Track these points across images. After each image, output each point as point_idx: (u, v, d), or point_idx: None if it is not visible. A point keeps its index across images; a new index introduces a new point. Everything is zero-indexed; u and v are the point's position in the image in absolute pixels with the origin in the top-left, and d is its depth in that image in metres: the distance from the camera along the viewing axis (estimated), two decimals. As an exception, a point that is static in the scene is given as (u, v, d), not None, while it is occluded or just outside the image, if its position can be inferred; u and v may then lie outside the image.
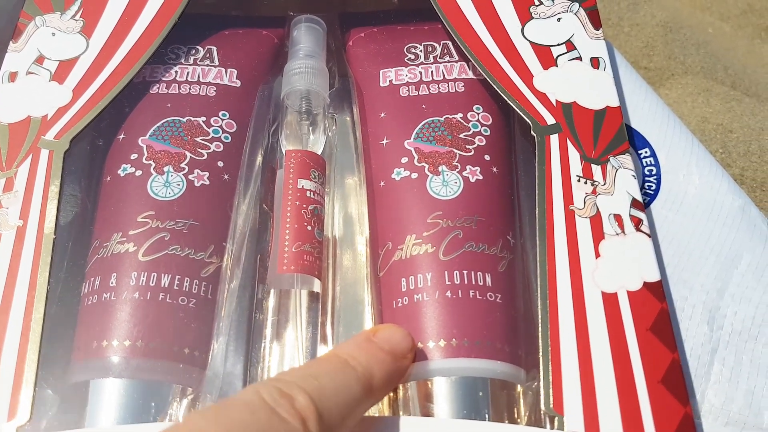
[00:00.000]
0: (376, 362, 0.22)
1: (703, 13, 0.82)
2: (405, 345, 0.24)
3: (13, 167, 0.28)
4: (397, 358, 0.23)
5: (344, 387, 0.21)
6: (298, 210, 0.29)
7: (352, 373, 0.21)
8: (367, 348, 0.23)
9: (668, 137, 0.42)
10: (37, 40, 0.32)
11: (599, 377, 0.24)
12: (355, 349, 0.22)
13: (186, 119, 0.31)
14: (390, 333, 0.24)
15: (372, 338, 0.23)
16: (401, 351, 0.24)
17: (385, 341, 0.23)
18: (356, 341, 0.23)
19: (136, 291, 0.26)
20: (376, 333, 0.24)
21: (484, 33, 0.32)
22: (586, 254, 0.26)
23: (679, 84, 0.68)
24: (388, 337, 0.24)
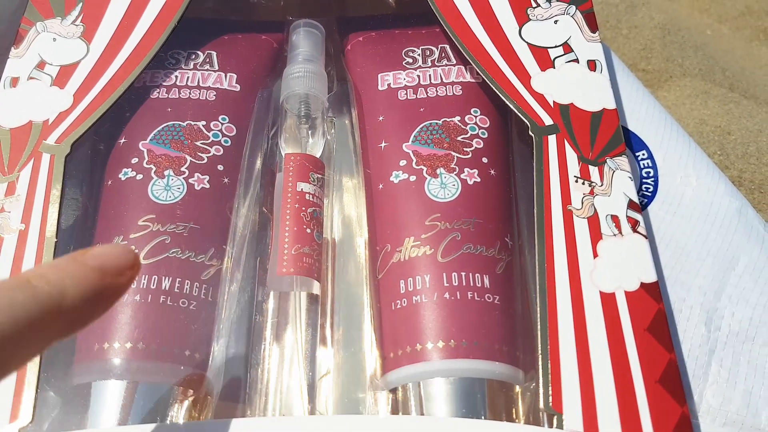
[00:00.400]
0: (72, 278, 0.19)
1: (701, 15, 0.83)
2: (120, 261, 0.21)
3: (15, 171, 0.29)
4: (106, 275, 0.20)
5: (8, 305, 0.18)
6: (298, 213, 0.29)
7: (29, 290, 0.19)
8: (65, 266, 0.20)
9: (665, 140, 0.42)
10: (38, 46, 0.32)
11: (598, 376, 0.24)
12: (48, 268, 0.20)
13: (186, 123, 0.31)
14: (102, 249, 0.21)
15: (78, 257, 0.20)
16: (114, 267, 0.20)
17: (93, 257, 0.20)
18: (56, 260, 0.21)
19: (137, 293, 0.27)
20: (85, 252, 0.21)
21: (482, 34, 0.32)
22: (584, 254, 0.26)
23: (677, 86, 0.68)
24: (98, 253, 0.21)
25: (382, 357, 0.28)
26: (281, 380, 0.27)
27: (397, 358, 0.27)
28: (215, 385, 0.27)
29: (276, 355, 0.27)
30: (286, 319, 0.28)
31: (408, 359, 0.27)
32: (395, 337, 0.27)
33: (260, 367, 0.27)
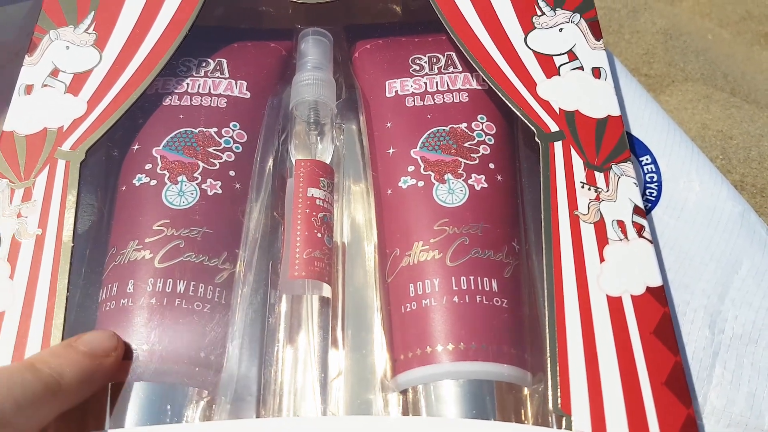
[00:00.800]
0: (68, 363, 0.24)
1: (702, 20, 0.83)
2: (107, 345, 0.25)
3: (31, 177, 0.29)
4: (95, 358, 0.24)
5: (21, 384, 0.22)
6: (308, 218, 0.30)
7: (34, 373, 0.22)
8: (62, 352, 0.24)
9: (669, 145, 0.42)
10: (52, 54, 0.33)
11: (605, 378, 0.25)
12: (48, 354, 0.24)
13: (198, 130, 0.32)
14: (91, 336, 0.25)
15: (72, 343, 0.25)
16: (102, 350, 0.25)
17: (83, 343, 0.25)
18: (53, 348, 0.25)
19: (153, 297, 0.27)
20: (78, 338, 0.25)
21: (488, 42, 0.32)
22: (591, 259, 0.27)
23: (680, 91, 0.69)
24: (88, 340, 0.25)
25: (392, 359, 0.28)
26: (294, 381, 0.27)
27: (407, 361, 0.27)
28: (229, 387, 0.27)
29: (289, 357, 0.28)
30: (299, 322, 0.28)
31: (418, 361, 0.27)
32: (405, 340, 0.28)
33: (273, 369, 0.28)
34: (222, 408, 0.27)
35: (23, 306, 0.26)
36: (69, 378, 0.23)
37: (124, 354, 0.26)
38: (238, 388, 0.28)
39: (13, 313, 0.26)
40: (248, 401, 0.27)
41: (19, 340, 0.26)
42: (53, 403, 0.23)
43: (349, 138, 0.35)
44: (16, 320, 0.26)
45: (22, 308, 0.26)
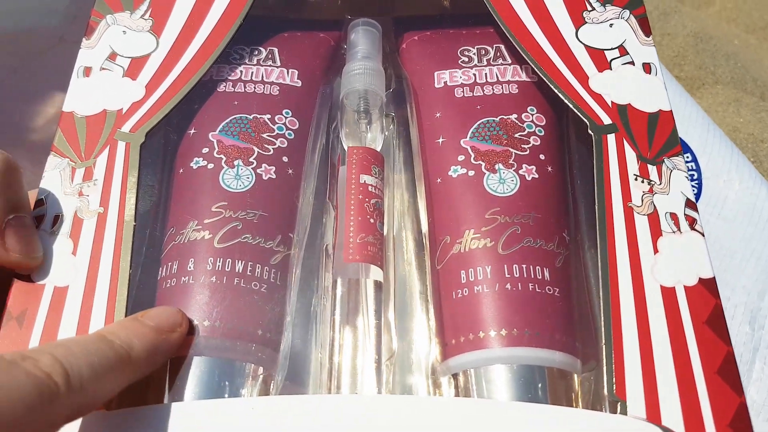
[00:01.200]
0: (137, 336, 0.24)
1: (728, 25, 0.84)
2: (172, 320, 0.26)
3: (91, 158, 0.30)
4: (161, 332, 0.25)
5: (96, 352, 0.22)
6: (361, 204, 0.30)
7: (107, 343, 0.23)
8: (130, 325, 0.25)
9: (709, 143, 0.43)
10: (109, 38, 0.34)
11: (659, 366, 0.25)
12: (117, 327, 0.25)
13: (252, 116, 0.32)
14: (157, 311, 0.26)
15: (139, 318, 0.25)
16: (168, 325, 0.26)
17: (150, 318, 0.25)
18: (121, 321, 0.25)
19: (213, 275, 0.28)
20: (144, 314, 0.26)
21: (540, 36, 0.33)
22: (645, 250, 0.27)
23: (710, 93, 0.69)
24: (154, 315, 0.26)
25: (442, 344, 0.29)
26: (350, 362, 0.28)
27: (458, 345, 0.28)
28: (286, 366, 0.28)
29: (345, 339, 0.28)
30: (354, 305, 0.29)
31: (469, 346, 0.27)
32: (456, 325, 0.28)
33: (329, 349, 0.28)
34: (278, 386, 0.28)
35: (86, 281, 0.27)
36: (138, 350, 0.24)
37: None
38: (295, 367, 0.28)
39: (77, 288, 0.27)
40: (304, 380, 0.28)
41: (83, 313, 0.26)
42: (124, 373, 0.23)
43: (397, 127, 0.35)
44: (80, 295, 0.27)
45: (85, 283, 0.27)
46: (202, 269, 0.28)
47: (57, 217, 0.28)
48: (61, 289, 0.27)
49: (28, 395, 0.19)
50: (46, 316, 0.26)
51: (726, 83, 0.71)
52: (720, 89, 0.70)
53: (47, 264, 0.27)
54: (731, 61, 0.72)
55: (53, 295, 0.27)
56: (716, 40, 0.75)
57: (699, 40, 0.73)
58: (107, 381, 0.22)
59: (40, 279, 0.27)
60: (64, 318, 0.26)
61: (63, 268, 0.27)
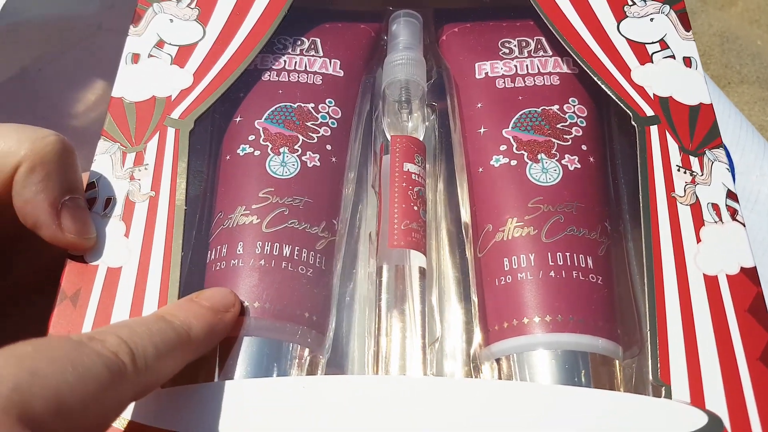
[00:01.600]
0: (194, 316, 0.25)
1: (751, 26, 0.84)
2: (226, 301, 0.26)
3: (141, 143, 0.30)
4: (217, 312, 0.26)
5: (158, 332, 0.23)
6: (405, 191, 0.31)
7: (167, 323, 0.24)
8: (187, 306, 0.25)
9: (741, 139, 0.43)
10: (156, 26, 0.34)
11: (703, 352, 0.25)
12: (175, 308, 0.25)
13: (297, 105, 0.33)
14: (212, 292, 0.27)
15: (194, 299, 0.26)
16: (223, 306, 0.26)
17: (206, 299, 0.26)
18: (178, 302, 0.26)
19: (262, 259, 0.28)
20: (199, 295, 0.26)
21: (582, 28, 0.33)
22: (688, 239, 0.27)
23: (736, 92, 0.69)
24: (209, 296, 0.26)
25: (485, 329, 0.29)
26: (398, 346, 0.28)
27: (501, 331, 0.28)
28: (333, 348, 0.28)
29: (392, 323, 0.29)
30: (400, 290, 0.29)
31: (512, 332, 0.28)
32: (499, 311, 0.29)
33: (374, 334, 0.29)
34: (324, 367, 0.28)
35: (139, 262, 0.28)
36: (196, 330, 0.24)
37: None
38: (339, 350, 0.29)
39: (130, 269, 0.27)
40: (349, 363, 0.29)
41: (137, 294, 0.27)
42: (184, 352, 0.24)
43: (438, 117, 0.36)
44: (133, 276, 0.27)
45: (138, 264, 0.28)
46: (251, 253, 0.28)
47: (108, 200, 0.29)
48: (115, 269, 0.27)
49: (99, 374, 0.20)
50: (100, 296, 0.27)
51: (752, 82, 0.71)
52: (746, 88, 0.70)
53: (100, 245, 0.28)
54: (757, 60, 0.72)
55: (107, 275, 0.27)
56: (742, 40, 0.75)
57: (725, 39, 0.73)
58: (169, 360, 0.23)
59: (93, 260, 0.28)
60: (118, 298, 0.27)
61: (116, 249, 0.28)
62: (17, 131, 0.27)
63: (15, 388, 0.18)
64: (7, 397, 0.18)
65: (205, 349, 0.25)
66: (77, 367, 0.20)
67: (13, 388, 0.18)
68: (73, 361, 0.20)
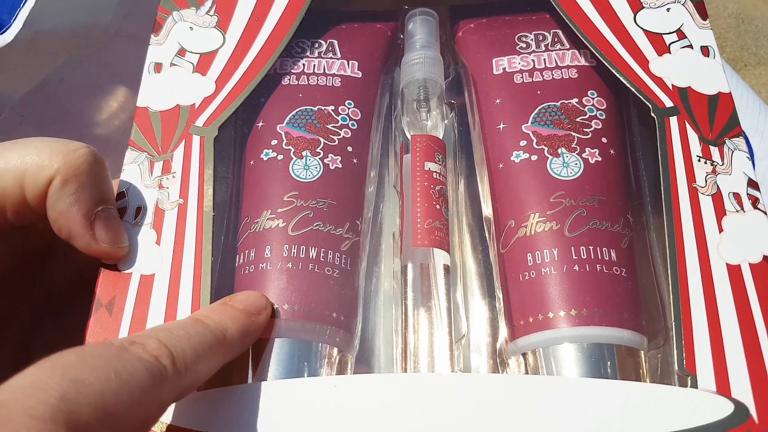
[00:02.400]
0: (229, 318, 0.25)
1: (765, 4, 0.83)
2: (259, 303, 0.27)
3: (168, 151, 0.31)
4: (250, 315, 0.26)
5: (195, 334, 0.24)
6: (427, 190, 0.31)
7: (204, 326, 0.24)
8: (222, 309, 0.26)
9: (761, 124, 0.43)
10: (177, 34, 0.35)
11: (727, 341, 0.26)
12: (210, 311, 0.26)
13: (317, 108, 0.33)
14: (244, 295, 0.27)
15: (228, 301, 0.27)
16: (255, 308, 0.27)
17: (239, 302, 0.27)
18: (212, 306, 0.27)
19: (289, 261, 0.29)
20: (232, 297, 0.27)
21: (599, 21, 0.33)
22: (710, 229, 0.28)
23: (752, 75, 0.68)
24: (242, 299, 0.27)
25: (510, 324, 0.30)
26: (426, 343, 0.29)
27: (527, 326, 0.29)
28: (361, 347, 0.29)
29: (419, 321, 0.29)
30: (426, 288, 0.30)
31: (538, 326, 0.28)
32: (524, 306, 0.29)
33: (402, 332, 0.29)
34: (353, 366, 0.29)
35: (171, 269, 0.28)
36: (232, 332, 0.25)
37: None
38: (367, 349, 0.29)
39: (163, 275, 0.28)
40: (377, 361, 0.29)
41: (170, 300, 0.28)
42: (220, 354, 0.24)
43: (457, 114, 0.36)
44: (166, 282, 0.28)
45: (170, 271, 0.28)
46: (279, 256, 0.29)
47: (139, 209, 0.30)
48: (148, 277, 0.28)
49: (141, 379, 0.21)
50: (134, 303, 0.28)
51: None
52: (762, 70, 0.69)
53: (133, 253, 0.29)
54: None
55: (140, 283, 0.28)
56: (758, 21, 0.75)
57: (740, 21, 0.73)
58: (207, 362, 0.24)
59: (126, 268, 0.28)
60: (152, 304, 0.28)
61: (148, 257, 0.29)
62: (49, 145, 0.27)
63: (62, 397, 0.19)
64: (55, 407, 0.19)
65: (239, 351, 0.26)
66: (120, 373, 0.20)
67: (60, 397, 0.19)
68: (116, 367, 0.21)
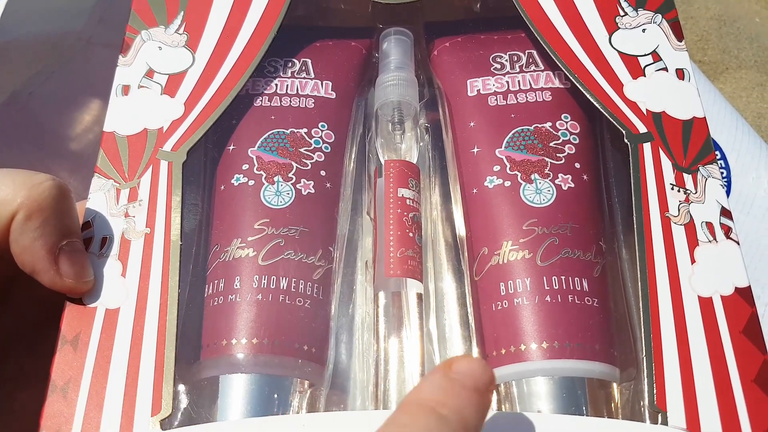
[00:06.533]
0: (465, 404, 0.21)
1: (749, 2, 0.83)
2: (487, 377, 0.22)
3: (135, 178, 0.31)
4: (482, 394, 0.22)
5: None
6: (400, 218, 0.31)
7: (445, 424, 0.20)
8: (451, 389, 0.21)
9: (738, 140, 0.43)
10: (145, 54, 0.34)
11: (698, 376, 0.26)
12: (439, 393, 0.21)
13: (289, 131, 0.33)
14: (468, 366, 0.22)
15: (451, 374, 0.22)
16: (485, 384, 0.22)
17: (466, 377, 0.22)
18: (436, 383, 0.22)
19: (259, 293, 0.28)
20: (452, 367, 0.22)
21: (573, 42, 0.33)
22: (682, 260, 0.28)
23: (734, 78, 0.68)
24: (468, 372, 0.22)
25: (483, 355, 0.29)
26: (395, 374, 0.29)
27: (499, 357, 0.28)
28: (332, 379, 0.29)
29: (390, 351, 0.29)
30: (398, 317, 0.29)
31: (511, 358, 0.28)
32: (497, 337, 0.29)
33: (374, 363, 0.29)
34: (326, 400, 0.28)
35: (137, 302, 0.28)
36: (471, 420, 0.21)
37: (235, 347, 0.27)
38: (340, 379, 0.29)
39: (128, 309, 0.28)
40: (350, 392, 0.29)
41: (135, 335, 0.27)
42: None
43: (431, 137, 0.36)
44: (131, 316, 0.28)
45: (136, 304, 0.28)
46: (248, 287, 0.29)
47: (105, 239, 0.29)
48: (113, 311, 0.28)
49: None
50: (99, 339, 0.27)
51: (749, 67, 0.70)
52: (744, 73, 0.69)
53: (98, 287, 0.28)
54: (755, 43, 0.71)
55: (105, 317, 0.27)
56: (740, 23, 0.75)
57: (722, 23, 0.73)
58: None
59: (91, 302, 0.28)
60: (117, 340, 0.27)
61: (113, 290, 0.28)
62: (13, 178, 0.27)
63: None
64: None
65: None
66: None
67: None
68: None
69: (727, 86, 0.67)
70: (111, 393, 0.26)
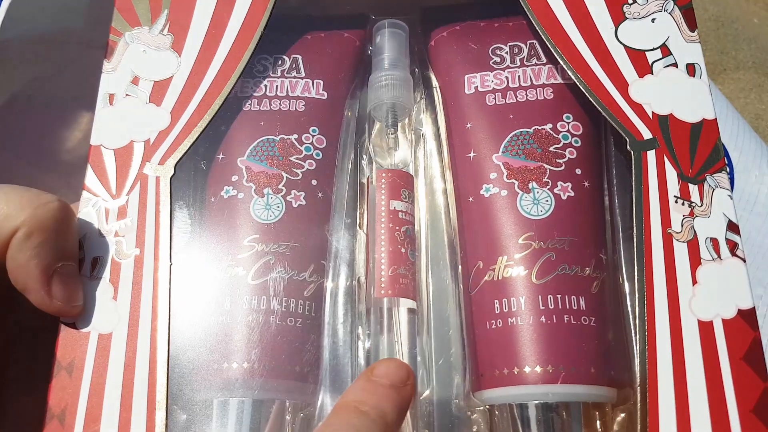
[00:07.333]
0: (383, 400, 0.24)
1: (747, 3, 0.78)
2: (402, 373, 0.25)
3: (123, 195, 0.30)
4: (399, 390, 0.25)
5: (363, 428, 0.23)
6: (392, 233, 0.30)
7: (364, 416, 0.23)
8: (371, 388, 0.25)
9: (740, 138, 0.41)
10: (130, 59, 0.33)
11: (693, 406, 0.25)
12: (361, 393, 0.24)
13: (279, 138, 0.32)
14: (386, 367, 0.26)
15: (372, 377, 0.25)
16: (401, 381, 0.25)
17: (384, 377, 0.25)
18: (358, 384, 0.25)
19: (249, 314, 0.28)
20: (373, 371, 0.26)
21: (576, 35, 0.31)
22: (683, 281, 0.26)
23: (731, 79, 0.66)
24: (385, 372, 0.25)
25: (477, 374, 0.29)
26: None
27: (493, 378, 0.28)
28: (325, 399, 0.29)
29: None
30: (388, 334, 0.29)
31: (505, 381, 0.28)
32: (491, 357, 0.28)
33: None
34: (319, 420, 0.29)
35: (129, 327, 0.28)
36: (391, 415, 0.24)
37: None
38: (335, 396, 0.29)
39: (120, 334, 0.28)
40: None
41: (128, 360, 0.27)
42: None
43: (427, 139, 0.34)
44: (124, 341, 0.28)
45: (128, 329, 0.28)
46: (239, 309, 0.28)
47: (95, 261, 0.29)
48: (105, 336, 0.28)
49: None
50: (93, 365, 0.27)
51: (748, 68, 0.68)
52: (742, 74, 0.67)
53: (90, 311, 0.28)
54: (753, 45, 0.69)
55: (98, 342, 0.28)
56: (738, 24, 0.72)
57: (720, 24, 0.70)
58: None
59: (84, 326, 0.28)
60: (111, 366, 0.27)
61: (105, 314, 0.28)
62: (21, 195, 0.27)
63: None
64: None
65: None
66: None
67: None
68: None
69: (725, 87, 0.65)
70: (106, 420, 0.26)
